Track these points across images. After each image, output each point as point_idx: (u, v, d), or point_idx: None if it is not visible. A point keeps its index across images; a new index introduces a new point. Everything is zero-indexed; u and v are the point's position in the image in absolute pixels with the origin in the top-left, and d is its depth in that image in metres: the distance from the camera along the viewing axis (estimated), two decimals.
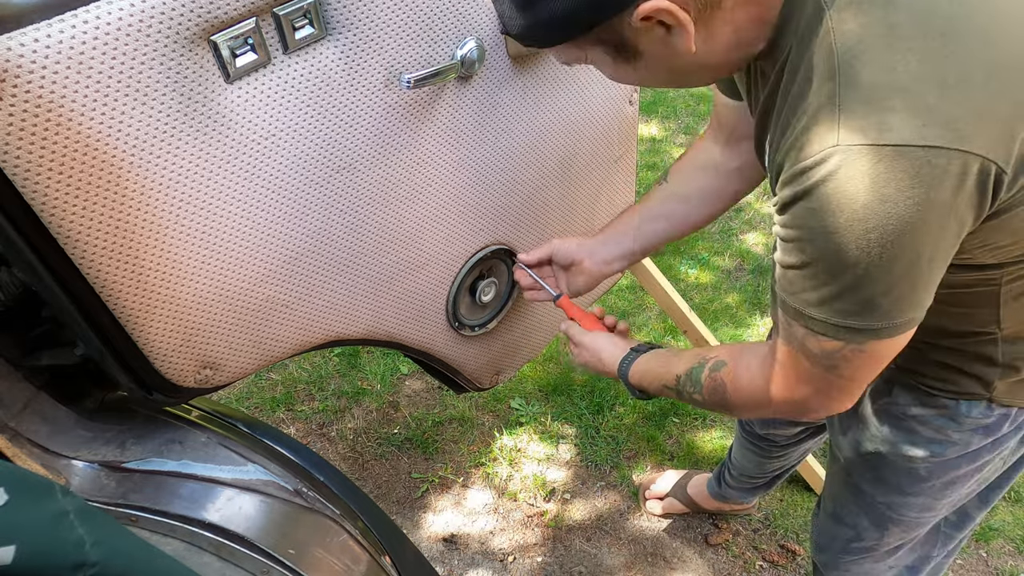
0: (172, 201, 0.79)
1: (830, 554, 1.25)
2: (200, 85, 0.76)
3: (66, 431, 0.96)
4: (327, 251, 0.98)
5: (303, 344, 1.03)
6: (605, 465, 1.97)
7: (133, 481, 0.93)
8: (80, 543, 0.55)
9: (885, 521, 1.11)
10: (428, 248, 1.11)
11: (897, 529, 1.12)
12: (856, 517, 1.15)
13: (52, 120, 0.67)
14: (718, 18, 0.66)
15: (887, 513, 1.10)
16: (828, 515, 1.22)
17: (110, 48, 0.68)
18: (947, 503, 1.07)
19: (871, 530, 1.15)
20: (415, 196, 1.04)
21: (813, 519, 1.31)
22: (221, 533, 0.90)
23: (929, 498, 1.05)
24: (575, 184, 1.29)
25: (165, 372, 0.89)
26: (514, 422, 2.06)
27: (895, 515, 1.09)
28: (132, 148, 0.73)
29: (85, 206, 0.73)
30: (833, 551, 1.24)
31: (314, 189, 0.91)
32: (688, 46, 0.66)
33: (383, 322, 1.12)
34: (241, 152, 0.82)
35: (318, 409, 2.08)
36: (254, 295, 0.92)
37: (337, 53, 0.85)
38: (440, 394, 2.14)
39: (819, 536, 1.28)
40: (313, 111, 0.86)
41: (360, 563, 0.98)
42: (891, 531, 1.13)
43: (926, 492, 1.04)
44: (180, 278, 0.84)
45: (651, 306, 2.39)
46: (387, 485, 1.92)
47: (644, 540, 1.82)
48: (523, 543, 1.81)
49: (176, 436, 0.99)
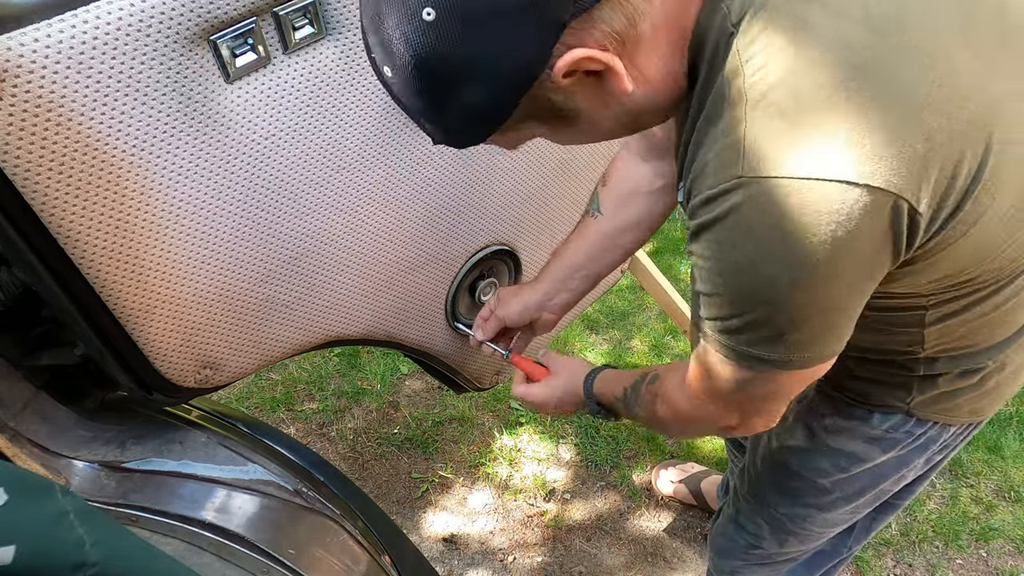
0: (172, 201, 0.79)
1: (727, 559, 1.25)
2: (200, 85, 0.76)
3: (66, 431, 0.96)
4: (327, 251, 0.98)
5: (303, 344, 1.03)
6: (605, 465, 1.97)
7: (133, 481, 0.93)
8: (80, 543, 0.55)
9: (784, 532, 1.12)
10: (428, 248, 1.11)
11: (795, 540, 1.13)
12: (758, 525, 1.15)
13: (52, 120, 0.67)
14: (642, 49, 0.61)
15: (787, 524, 1.10)
16: (730, 519, 1.22)
17: (110, 48, 0.68)
18: (847, 517, 1.07)
19: (770, 539, 1.15)
20: (415, 196, 1.04)
21: (712, 522, 1.30)
22: (221, 533, 0.90)
23: (830, 513, 1.05)
24: (575, 183, 1.29)
25: (165, 372, 0.89)
26: (514, 422, 2.06)
27: (795, 527, 1.09)
28: (132, 148, 0.73)
29: (85, 206, 0.73)
30: (731, 556, 1.24)
31: (314, 189, 0.91)
32: (623, 87, 0.60)
33: (383, 322, 1.12)
34: (241, 152, 0.82)
35: (318, 409, 2.08)
36: (254, 295, 0.92)
37: (337, 53, 0.85)
38: (440, 394, 2.14)
39: (718, 539, 1.27)
40: (313, 111, 0.86)
41: (360, 563, 0.98)
42: (789, 542, 1.14)
43: (827, 506, 1.04)
44: (180, 278, 0.84)
45: (651, 306, 2.39)
46: (387, 485, 1.92)
47: (644, 540, 1.82)
48: (523, 543, 1.81)
49: (176, 436, 0.99)
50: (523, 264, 1.31)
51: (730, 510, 1.22)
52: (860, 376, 0.91)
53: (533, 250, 1.31)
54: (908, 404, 0.89)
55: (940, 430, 0.93)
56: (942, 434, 0.93)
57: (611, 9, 0.57)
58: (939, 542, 1.79)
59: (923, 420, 0.91)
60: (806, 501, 1.05)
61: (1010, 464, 1.94)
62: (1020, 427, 2.01)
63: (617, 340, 2.29)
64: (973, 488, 1.90)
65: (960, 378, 0.86)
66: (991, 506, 1.86)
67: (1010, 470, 1.92)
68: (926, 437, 0.93)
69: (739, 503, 1.19)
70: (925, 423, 0.91)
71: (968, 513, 1.84)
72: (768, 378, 0.68)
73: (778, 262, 0.58)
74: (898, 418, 0.91)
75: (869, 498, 1.03)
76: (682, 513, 1.87)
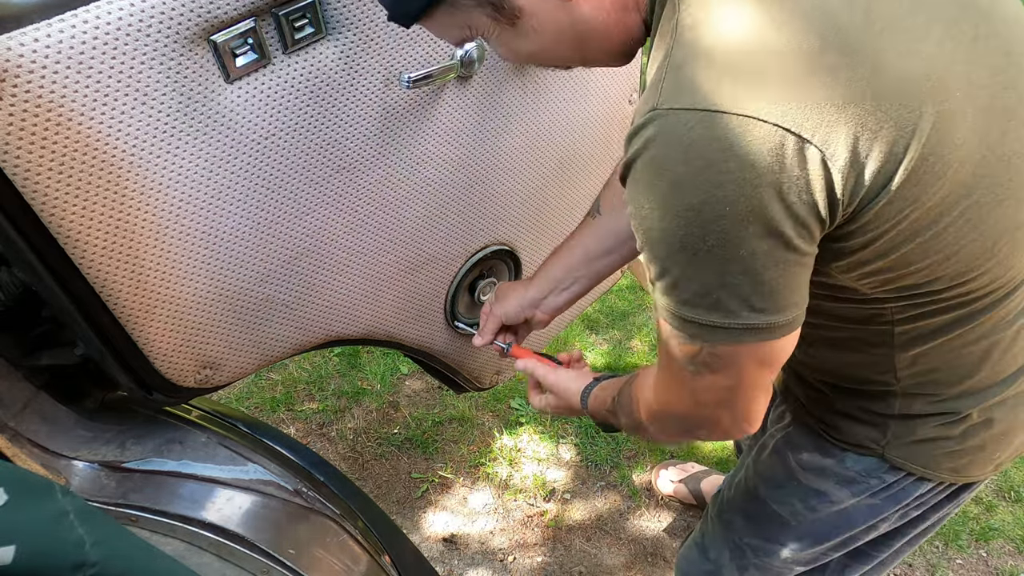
0: (172, 201, 0.79)
1: None
2: (200, 85, 0.76)
3: (66, 431, 0.96)
4: (327, 251, 0.98)
5: (303, 344, 1.03)
6: (605, 465, 1.97)
7: (133, 481, 0.93)
8: (80, 543, 0.55)
9: (746, 562, 1.09)
10: (428, 248, 1.11)
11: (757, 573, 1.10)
12: (720, 552, 1.12)
13: (52, 120, 0.67)
14: None
15: (749, 555, 1.08)
16: (694, 542, 1.19)
17: (110, 48, 0.68)
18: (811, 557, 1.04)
19: (729, 567, 1.12)
20: (415, 196, 1.04)
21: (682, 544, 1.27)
22: (221, 533, 0.90)
23: (794, 550, 1.02)
24: (574, 183, 1.29)
25: (165, 372, 0.89)
26: (514, 422, 2.06)
27: (757, 559, 1.07)
28: (132, 148, 0.73)
29: (85, 206, 0.73)
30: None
31: (314, 189, 0.91)
32: None
33: (383, 322, 1.12)
34: (241, 152, 0.82)
35: (318, 409, 2.08)
36: (254, 295, 0.92)
37: (337, 53, 0.85)
38: (440, 394, 2.14)
39: (681, 561, 1.25)
40: (313, 111, 0.86)
41: (360, 563, 0.98)
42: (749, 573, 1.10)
43: (792, 542, 1.02)
44: (180, 278, 0.84)
45: (651, 306, 2.39)
46: (387, 485, 1.92)
47: (644, 540, 1.82)
48: (523, 543, 1.81)
49: (176, 436, 0.99)
50: (523, 264, 1.31)
51: (697, 533, 1.19)
52: (839, 410, 0.89)
53: (533, 250, 1.31)
54: (883, 446, 0.86)
55: (916, 484, 0.89)
56: (918, 488, 0.89)
57: None
58: (939, 542, 1.79)
59: (897, 468, 0.87)
60: (771, 534, 1.03)
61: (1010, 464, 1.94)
62: None
63: (617, 340, 2.29)
64: None
65: (940, 427, 0.83)
66: (991, 506, 1.86)
67: (1010, 470, 1.92)
68: (899, 488, 0.89)
69: (706, 526, 1.16)
70: (899, 472, 0.88)
71: (968, 513, 1.84)
72: (716, 355, 0.65)
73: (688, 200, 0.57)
74: (872, 461, 0.88)
75: (837, 542, 1.00)
76: (682, 513, 1.87)
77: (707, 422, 0.74)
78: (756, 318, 0.61)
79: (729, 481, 1.12)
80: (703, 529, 1.17)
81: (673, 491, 1.86)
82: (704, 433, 0.77)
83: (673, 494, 1.87)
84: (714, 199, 0.56)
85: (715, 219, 0.56)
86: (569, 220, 1.33)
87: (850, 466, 0.90)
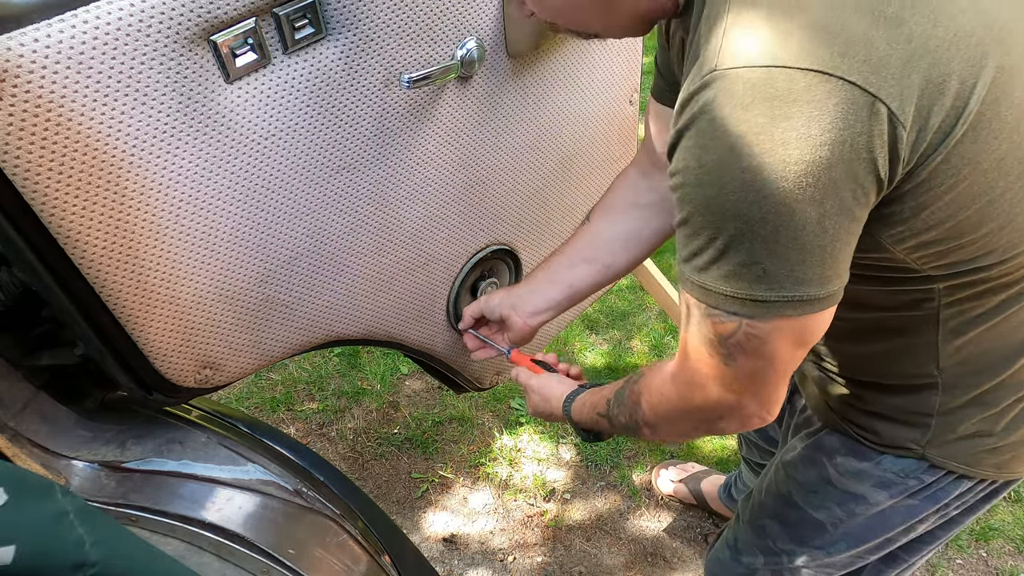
0: (172, 201, 0.79)
1: None
2: (200, 85, 0.76)
3: (66, 431, 0.96)
4: (327, 251, 0.98)
5: (303, 344, 1.03)
6: (605, 465, 1.97)
7: (133, 481, 0.93)
8: (80, 543, 0.55)
9: (780, 567, 1.08)
10: (428, 248, 1.11)
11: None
12: (753, 556, 1.12)
13: (52, 120, 0.67)
14: None
15: (784, 561, 1.07)
16: (727, 546, 1.18)
17: (110, 48, 0.68)
18: (848, 561, 1.03)
19: (764, 572, 1.11)
20: (415, 196, 1.04)
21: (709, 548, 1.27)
22: (221, 533, 0.90)
23: (829, 554, 1.01)
24: (575, 183, 1.29)
25: (165, 372, 0.89)
26: (514, 422, 2.06)
27: (791, 563, 1.06)
28: (132, 148, 0.73)
29: (85, 206, 0.73)
30: None
31: (314, 189, 0.91)
32: None
33: (383, 322, 1.12)
34: (241, 152, 0.82)
35: (318, 409, 2.08)
36: (254, 295, 0.92)
37: (337, 53, 0.85)
38: (440, 394, 2.14)
39: (712, 564, 1.24)
40: (313, 111, 0.86)
41: (360, 563, 0.98)
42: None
43: (827, 547, 1.00)
44: (180, 278, 0.84)
45: (651, 306, 2.39)
46: (387, 485, 1.92)
47: (644, 540, 1.82)
48: (523, 543, 1.81)
49: (176, 436, 0.99)
50: (523, 264, 1.31)
51: (729, 536, 1.19)
52: (873, 411, 0.87)
53: (533, 250, 1.31)
54: (923, 446, 0.84)
55: (956, 483, 0.87)
56: (958, 487, 0.87)
57: None
58: None
59: (938, 467, 0.85)
60: (807, 539, 1.02)
61: None
62: None
63: (617, 340, 2.29)
64: None
65: (982, 422, 0.81)
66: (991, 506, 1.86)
67: None
68: (939, 488, 0.88)
69: (739, 530, 1.15)
70: (939, 471, 0.86)
71: None
72: (753, 333, 0.63)
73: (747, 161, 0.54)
74: (911, 462, 0.86)
75: (873, 545, 0.98)
76: (682, 513, 1.87)
77: (729, 411, 0.71)
78: (800, 290, 0.59)
79: (759, 485, 1.10)
80: (735, 533, 1.16)
81: (673, 491, 1.86)
82: (722, 425, 0.74)
83: (673, 494, 1.87)
84: (774, 160, 0.54)
85: (773, 180, 0.54)
86: (570, 220, 1.33)
87: (888, 467, 0.88)
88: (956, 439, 0.83)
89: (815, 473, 0.97)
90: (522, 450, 2.00)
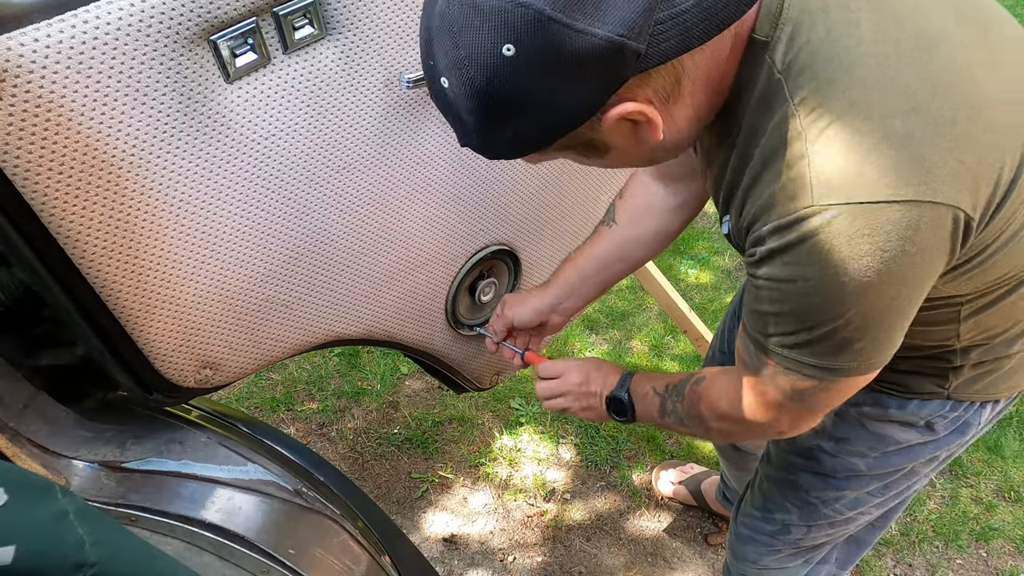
0: (172, 201, 0.79)
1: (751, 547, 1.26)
2: (200, 85, 0.76)
3: (66, 431, 0.96)
4: (327, 251, 0.98)
5: (303, 344, 1.03)
6: (605, 465, 1.97)
7: (133, 481, 0.93)
8: (80, 543, 0.55)
9: (816, 516, 1.13)
10: (428, 248, 1.11)
11: (825, 524, 1.14)
12: (786, 512, 1.16)
13: (52, 120, 0.67)
14: (680, 104, 0.66)
15: (821, 509, 1.11)
16: (756, 507, 1.22)
17: (110, 48, 0.68)
18: (879, 502, 1.09)
19: (799, 525, 1.16)
20: (415, 196, 1.04)
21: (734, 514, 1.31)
22: (221, 533, 0.90)
23: (862, 494, 1.07)
24: (574, 184, 1.29)
25: (165, 372, 0.89)
26: (514, 422, 2.06)
27: (827, 511, 1.11)
28: (132, 148, 0.73)
29: (85, 206, 0.73)
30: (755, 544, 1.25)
31: (314, 189, 0.91)
32: (657, 137, 0.65)
33: (383, 322, 1.12)
34: (241, 152, 0.82)
35: (318, 409, 2.08)
36: (254, 295, 0.92)
37: (337, 53, 0.85)
38: (440, 394, 2.14)
39: (742, 528, 1.27)
40: (313, 111, 0.86)
41: (360, 563, 0.98)
42: (818, 527, 1.15)
43: (861, 487, 1.06)
44: (180, 278, 0.84)
45: (651, 306, 2.39)
46: (387, 485, 1.92)
47: (644, 540, 1.82)
48: (523, 543, 1.81)
49: (176, 436, 0.99)
50: (523, 264, 1.31)
51: (755, 498, 1.22)
52: (898, 369, 0.92)
53: (533, 250, 1.31)
54: (947, 389, 0.92)
55: (979, 411, 0.95)
56: (980, 414, 0.96)
57: (665, 71, 0.62)
58: (939, 542, 1.79)
59: (961, 401, 0.93)
60: (841, 483, 1.07)
61: (1010, 464, 1.93)
62: (1020, 427, 2.01)
63: (617, 340, 2.29)
64: (973, 488, 1.90)
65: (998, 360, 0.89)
66: (991, 506, 1.86)
67: (1010, 470, 1.92)
68: (963, 420, 0.96)
69: (766, 488, 1.19)
70: (962, 404, 0.94)
71: (968, 513, 1.84)
72: (828, 386, 0.74)
73: (847, 278, 0.63)
74: (936, 404, 0.94)
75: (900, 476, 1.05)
76: (682, 513, 1.87)
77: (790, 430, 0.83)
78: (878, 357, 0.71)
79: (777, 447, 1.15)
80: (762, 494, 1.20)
81: (673, 492, 1.86)
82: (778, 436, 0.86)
83: (673, 495, 1.87)
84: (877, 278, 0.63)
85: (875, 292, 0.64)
86: (569, 220, 1.33)
87: (915, 411, 0.95)
88: (976, 376, 0.91)
89: (842, 422, 1.03)
90: (522, 450, 2.00)
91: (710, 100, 0.69)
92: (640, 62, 0.59)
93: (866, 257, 0.62)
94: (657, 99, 0.64)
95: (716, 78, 0.67)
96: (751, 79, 0.66)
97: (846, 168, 0.61)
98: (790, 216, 0.64)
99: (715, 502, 1.80)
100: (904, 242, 0.61)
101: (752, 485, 1.24)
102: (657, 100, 0.64)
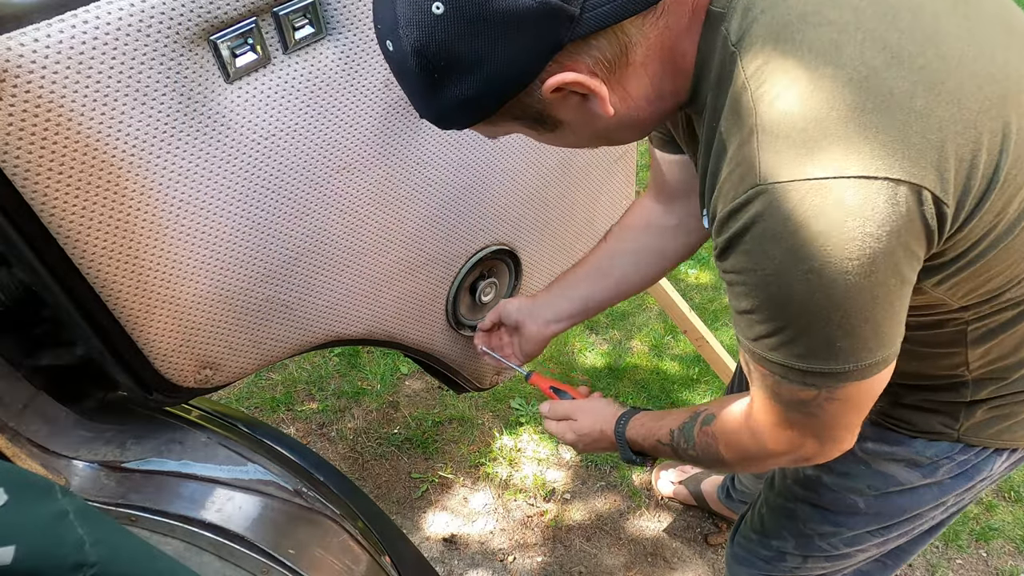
0: (172, 201, 0.79)
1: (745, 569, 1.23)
2: (200, 85, 0.76)
3: (66, 431, 0.96)
4: (327, 251, 0.98)
5: (303, 344, 1.03)
6: (605, 465, 1.97)
7: (133, 481, 0.93)
8: (80, 543, 0.55)
9: (811, 548, 1.09)
10: (428, 248, 1.11)
11: (821, 558, 1.10)
12: (783, 539, 1.13)
13: (52, 120, 0.67)
14: (631, 75, 0.63)
15: (816, 541, 1.08)
16: (754, 530, 1.20)
17: (110, 48, 0.68)
18: (878, 542, 1.05)
19: (794, 555, 1.13)
20: (415, 196, 1.04)
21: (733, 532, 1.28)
22: (221, 533, 0.90)
23: (861, 533, 1.03)
24: (575, 184, 1.29)
25: (165, 372, 0.89)
26: (514, 422, 2.06)
27: (824, 544, 1.07)
28: (132, 148, 0.73)
29: (85, 206, 0.73)
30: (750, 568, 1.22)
31: (314, 189, 0.91)
32: (606, 110, 0.63)
33: (383, 322, 1.12)
34: (241, 152, 0.82)
35: (318, 409, 2.08)
36: (254, 295, 0.92)
37: (337, 53, 0.85)
38: (440, 394, 2.14)
39: (737, 549, 1.25)
40: (313, 111, 0.86)
41: (360, 563, 0.98)
42: (815, 559, 1.11)
43: (859, 526, 1.02)
44: (180, 278, 0.84)
45: (651, 306, 2.39)
46: (387, 485, 1.92)
47: (644, 540, 1.82)
48: (523, 543, 1.81)
49: (176, 436, 0.99)
50: (523, 264, 1.31)
51: (754, 520, 1.20)
52: (906, 404, 0.89)
53: (533, 250, 1.31)
54: (956, 430, 0.87)
55: (990, 458, 0.90)
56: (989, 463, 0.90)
57: (607, 38, 0.59)
58: (939, 542, 1.79)
59: (972, 447, 0.88)
60: (840, 520, 1.03)
61: None
62: None
63: (617, 340, 2.29)
64: None
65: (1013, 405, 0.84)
66: (991, 506, 1.86)
67: None
68: (971, 465, 0.90)
69: (766, 515, 1.17)
70: (973, 449, 0.88)
71: (968, 513, 1.84)
72: (831, 395, 0.68)
73: (809, 264, 0.58)
74: (944, 445, 0.89)
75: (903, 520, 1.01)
76: (682, 513, 1.87)
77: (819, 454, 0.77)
78: (874, 356, 0.65)
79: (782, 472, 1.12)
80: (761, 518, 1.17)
81: (673, 492, 1.86)
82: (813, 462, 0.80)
83: (673, 495, 1.87)
84: (836, 260, 0.58)
85: (839, 277, 0.58)
86: (569, 221, 1.33)
87: (920, 450, 0.91)
88: (990, 419, 0.86)
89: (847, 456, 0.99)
90: (522, 450, 2.00)
91: (672, 77, 0.66)
92: (575, 26, 0.57)
93: (820, 238, 0.57)
94: (601, 70, 0.61)
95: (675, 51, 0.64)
96: (711, 53, 0.63)
97: (795, 143, 0.57)
98: (740, 198, 0.60)
99: (715, 502, 1.80)
100: (862, 221, 0.56)
101: (753, 507, 1.22)
102: (602, 71, 0.61)
